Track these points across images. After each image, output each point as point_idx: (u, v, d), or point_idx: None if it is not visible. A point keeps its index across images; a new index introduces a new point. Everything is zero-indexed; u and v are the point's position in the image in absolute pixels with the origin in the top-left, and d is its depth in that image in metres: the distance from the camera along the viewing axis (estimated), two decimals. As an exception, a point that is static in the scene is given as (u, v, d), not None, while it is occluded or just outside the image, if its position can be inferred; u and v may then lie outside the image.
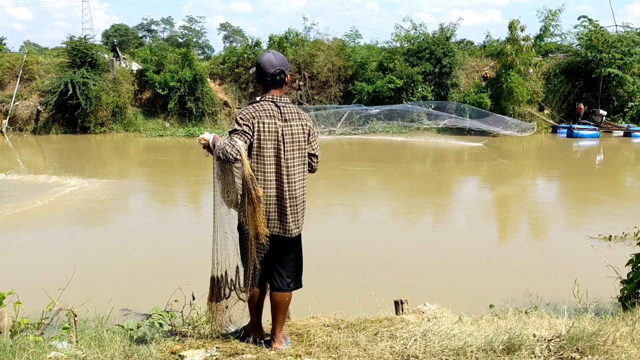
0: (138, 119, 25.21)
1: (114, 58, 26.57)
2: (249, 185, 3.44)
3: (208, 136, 3.60)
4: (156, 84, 25.09)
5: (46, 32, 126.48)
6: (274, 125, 3.52)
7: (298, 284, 3.85)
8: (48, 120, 24.64)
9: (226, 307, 3.94)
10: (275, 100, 3.59)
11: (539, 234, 9.58)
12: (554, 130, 24.66)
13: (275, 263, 3.69)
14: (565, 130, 23.60)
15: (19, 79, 25.67)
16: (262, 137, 3.50)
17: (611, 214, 10.58)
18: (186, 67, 25.34)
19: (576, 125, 23.39)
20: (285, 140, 3.54)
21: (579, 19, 26.64)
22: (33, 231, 9.57)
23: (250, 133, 3.50)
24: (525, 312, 4.25)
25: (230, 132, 3.52)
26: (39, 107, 24.69)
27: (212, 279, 3.83)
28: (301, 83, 25.37)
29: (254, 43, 27.59)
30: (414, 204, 11.65)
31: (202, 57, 43.66)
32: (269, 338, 3.80)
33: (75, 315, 4.54)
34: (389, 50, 27.73)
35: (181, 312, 4.86)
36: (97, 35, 45.39)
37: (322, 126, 25.51)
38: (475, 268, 7.33)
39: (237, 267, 3.78)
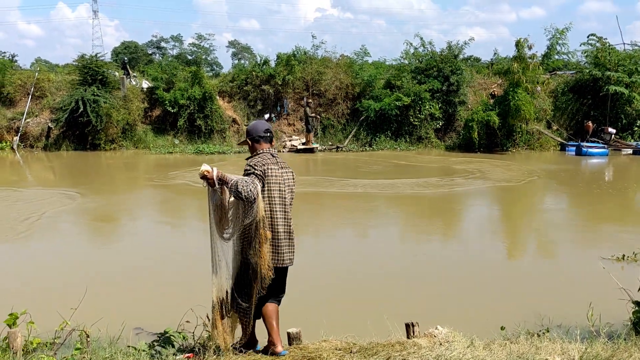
0: (148, 136, 25.39)
1: (124, 76, 26.83)
2: (259, 225, 3.94)
3: (208, 168, 3.96)
4: (166, 101, 25.31)
5: (57, 48, 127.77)
6: (277, 172, 4.18)
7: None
8: (58, 137, 24.87)
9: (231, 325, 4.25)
10: (271, 151, 4.30)
11: (548, 253, 9.53)
12: (562, 147, 24.60)
13: (277, 286, 4.23)
14: (574, 148, 23.53)
15: (30, 96, 25.95)
16: (271, 182, 4.12)
17: (622, 233, 10.50)
18: (196, 85, 25.57)
19: (585, 143, 23.33)
20: (285, 184, 4.22)
21: (588, 37, 26.76)
22: (42, 247, 9.63)
23: (263, 178, 4.09)
24: (538, 336, 4.24)
25: (249, 174, 4.04)
26: (49, 124, 24.94)
27: (218, 301, 4.16)
28: (310, 100, 25.53)
29: (262, 61, 27.81)
30: (422, 223, 11.64)
31: (211, 74, 43.96)
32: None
33: (88, 336, 4.57)
34: (397, 68, 27.86)
35: (192, 333, 4.88)
36: (107, 53, 45.75)
37: (330, 143, 25.63)
38: (485, 289, 7.30)
39: (227, 291, 4.21)
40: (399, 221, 12.11)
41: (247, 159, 4.32)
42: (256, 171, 4.06)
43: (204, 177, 3.98)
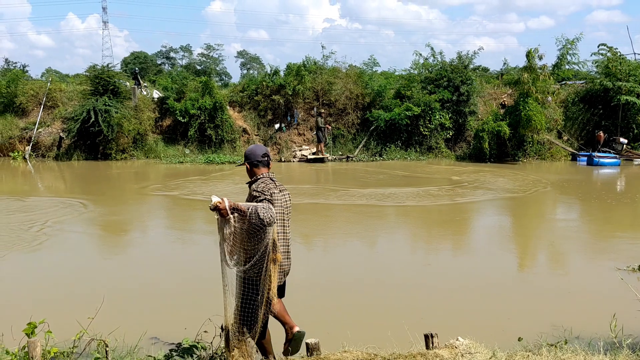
0: (158, 146, 25.52)
1: (136, 86, 27.02)
2: (270, 248, 4.10)
3: (219, 199, 4.08)
4: (177, 111, 25.46)
5: (67, 59, 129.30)
6: (278, 196, 4.40)
7: None
8: (70, 147, 25.05)
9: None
10: (270, 176, 4.50)
11: (560, 264, 9.43)
12: (574, 158, 24.50)
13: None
14: (585, 158, 23.42)
15: (42, 106, 26.18)
16: (276, 206, 4.28)
17: (636, 244, 10.42)
18: (206, 95, 25.71)
19: (596, 153, 23.22)
20: (285, 206, 4.49)
21: (598, 46, 26.72)
22: (55, 256, 9.65)
23: (271, 203, 4.26)
24: (559, 347, 4.20)
25: (262, 200, 4.24)
26: (61, 134, 25.13)
27: (227, 328, 4.29)
28: (322, 110, 25.66)
29: (272, 71, 27.92)
30: (433, 234, 11.58)
31: (220, 84, 44.25)
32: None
33: (107, 346, 4.58)
34: (407, 78, 27.89)
35: (211, 343, 4.87)
36: (118, 64, 46.13)
37: (340, 152, 25.63)
38: (497, 299, 7.23)
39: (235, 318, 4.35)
40: (402, 232, 12.06)
41: (247, 183, 4.57)
42: (267, 197, 4.24)
43: (215, 208, 4.04)
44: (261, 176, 4.47)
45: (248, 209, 4.04)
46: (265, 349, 4.59)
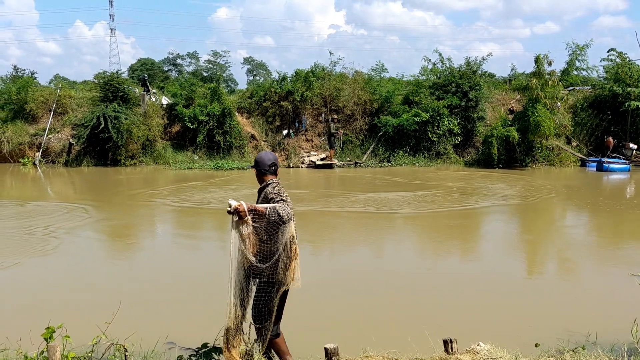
0: (167, 152, 25.60)
1: (145, 92, 27.15)
2: (289, 241, 4.37)
3: (236, 203, 4.27)
4: (186, 117, 25.55)
5: (74, 66, 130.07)
6: (289, 199, 4.51)
7: None
8: (79, 153, 25.16)
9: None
10: (278, 181, 4.72)
11: (571, 270, 9.33)
12: (583, 163, 24.40)
13: (281, 308, 4.61)
14: (595, 163, 23.32)
15: (52, 112, 26.32)
16: (288, 205, 4.43)
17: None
18: (215, 101, 25.79)
19: (606, 159, 23.12)
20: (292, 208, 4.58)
21: (608, 52, 26.69)
22: (69, 261, 9.68)
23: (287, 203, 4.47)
24: (582, 353, 4.16)
25: (279, 200, 4.41)
26: (71, 140, 25.24)
27: (230, 329, 4.36)
28: (334, 116, 25.77)
29: (280, 78, 27.98)
30: (443, 240, 11.54)
31: (227, 90, 44.40)
32: None
33: (126, 350, 4.57)
34: (415, 84, 27.90)
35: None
36: (125, 71, 46.43)
37: (348, 158, 25.64)
38: (513, 305, 7.17)
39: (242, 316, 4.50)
40: (409, 238, 12.02)
41: (258, 190, 4.76)
42: (282, 198, 4.42)
43: (235, 211, 4.22)
44: (271, 181, 4.69)
45: (266, 209, 4.27)
46: (280, 349, 4.61)
